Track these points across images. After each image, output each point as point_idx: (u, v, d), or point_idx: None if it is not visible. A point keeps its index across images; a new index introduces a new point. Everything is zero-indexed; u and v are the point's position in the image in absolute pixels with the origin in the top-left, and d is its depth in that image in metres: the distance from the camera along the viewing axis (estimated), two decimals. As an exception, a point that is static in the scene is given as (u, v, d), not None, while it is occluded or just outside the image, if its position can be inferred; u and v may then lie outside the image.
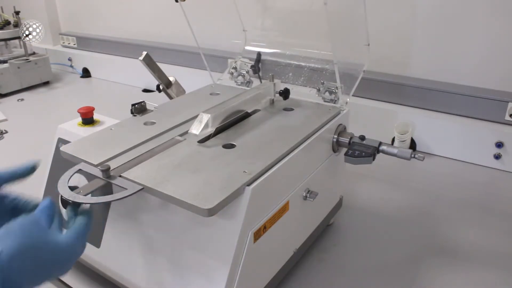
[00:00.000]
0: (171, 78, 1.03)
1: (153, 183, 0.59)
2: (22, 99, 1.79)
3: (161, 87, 1.02)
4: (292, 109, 0.86)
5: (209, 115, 0.72)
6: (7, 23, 1.92)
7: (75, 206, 0.57)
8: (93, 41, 2.09)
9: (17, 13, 1.87)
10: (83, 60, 2.10)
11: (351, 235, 0.90)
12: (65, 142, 0.78)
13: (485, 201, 1.02)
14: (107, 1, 2.03)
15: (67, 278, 0.79)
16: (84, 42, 2.13)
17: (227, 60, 1.19)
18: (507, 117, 1.14)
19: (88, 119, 0.82)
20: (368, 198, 1.03)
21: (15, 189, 0.58)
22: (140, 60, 0.96)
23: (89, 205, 0.58)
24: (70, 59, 2.13)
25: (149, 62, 0.97)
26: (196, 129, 0.71)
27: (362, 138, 0.80)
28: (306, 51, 1.01)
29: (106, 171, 0.62)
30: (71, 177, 0.63)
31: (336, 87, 0.86)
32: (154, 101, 0.90)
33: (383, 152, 0.79)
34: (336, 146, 0.83)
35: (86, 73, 2.09)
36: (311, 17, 0.95)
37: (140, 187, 0.59)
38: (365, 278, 0.78)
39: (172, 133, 0.76)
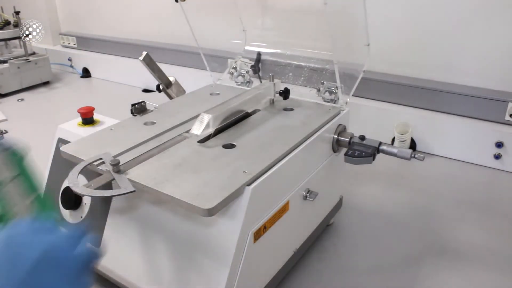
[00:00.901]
0: (171, 78, 1.03)
1: (153, 183, 0.59)
2: (22, 99, 1.79)
3: (161, 87, 1.02)
4: (292, 109, 0.86)
5: (210, 115, 0.72)
6: (7, 23, 1.92)
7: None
8: (93, 41, 2.09)
9: (17, 13, 1.87)
10: (83, 60, 2.10)
11: (351, 235, 0.90)
12: (65, 142, 0.78)
13: (485, 201, 1.02)
14: (107, 1, 2.03)
15: (67, 278, 0.79)
16: (84, 42, 2.13)
17: (227, 60, 1.19)
18: (507, 117, 1.14)
19: (88, 119, 0.82)
20: (368, 198, 1.03)
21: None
22: (140, 60, 0.96)
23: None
24: (70, 59, 2.13)
25: (149, 62, 0.97)
26: (197, 129, 0.71)
27: (362, 138, 0.80)
28: (306, 51, 1.01)
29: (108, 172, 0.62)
30: (79, 173, 0.62)
31: (336, 87, 0.86)
32: (154, 101, 0.91)
33: (383, 152, 0.79)
34: (336, 146, 0.83)
35: (86, 73, 2.09)
36: (311, 17, 0.95)
37: (133, 188, 0.58)
38: (365, 278, 0.78)
39: (172, 133, 0.76)
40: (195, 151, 0.68)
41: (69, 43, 2.19)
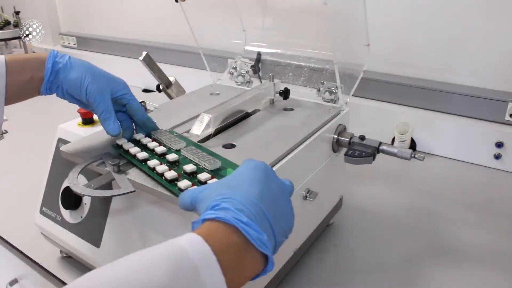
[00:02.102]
0: (171, 78, 1.03)
1: (153, 183, 0.59)
2: (22, 99, 1.79)
3: (161, 87, 1.02)
4: (292, 109, 0.86)
5: (210, 115, 0.72)
6: (7, 23, 1.92)
7: None
8: (93, 41, 2.09)
9: (17, 13, 1.88)
10: (83, 60, 2.10)
11: (351, 235, 0.90)
12: (65, 142, 0.78)
13: (485, 201, 1.02)
14: (107, 1, 2.03)
15: (67, 277, 0.79)
16: (84, 42, 2.13)
17: (227, 60, 1.19)
18: (507, 117, 1.14)
19: (88, 119, 0.82)
20: (368, 198, 1.03)
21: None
22: (140, 60, 0.96)
23: None
24: (70, 59, 2.13)
25: (149, 62, 0.97)
26: (198, 129, 0.71)
27: (362, 138, 0.80)
28: (306, 51, 1.01)
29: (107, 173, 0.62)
30: (79, 173, 0.62)
31: (336, 87, 0.87)
32: (154, 101, 0.90)
33: (383, 152, 0.79)
34: (336, 146, 0.83)
35: (86, 73, 2.09)
36: (311, 17, 0.95)
37: (133, 188, 0.59)
38: (365, 278, 0.78)
39: (172, 133, 0.76)
40: (195, 151, 0.68)
41: (69, 43, 2.19)
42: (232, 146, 0.70)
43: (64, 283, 0.78)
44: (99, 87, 0.66)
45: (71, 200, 0.75)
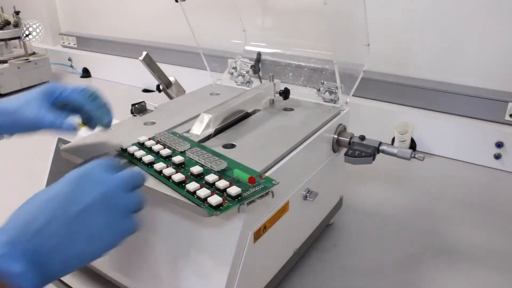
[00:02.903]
0: (171, 78, 1.03)
1: (153, 183, 0.59)
2: (22, 99, 1.79)
3: (161, 87, 1.02)
4: (292, 109, 0.86)
5: (210, 115, 0.72)
6: (7, 23, 1.92)
7: None
8: (93, 41, 2.09)
9: (17, 13, 1.87)
10: (83, 60, 2.10)
11: (351, 235, 0.90)
12: (65, 142, 0.78)
13: (485, 201, 1.02)
14: (107, 1, 2.03)
15: (67, 277, 0.79)
16: (84, 42, 2.13)
17: (227, 60, 1.19)
18: (507, 117, 1.14)
19: (88, 119, 0.82)
20: (368, 198, 1.03)
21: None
22: (140, 60, 0.96)
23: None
24: (70, 59, 2.14)
25: (149, 62, 0.97)
26: (197, 129, 0.71)
27: (362, 138, 0.80)
28: (306, 51, 1.01)
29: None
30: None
31: (336, 87, 0.87)
32: (154, 101, 0.90)
33: (383, 152, 0.79)
34: (336, 146, 0.83)
35: (86, 73, 2.09)
36: (311, 17, 0.95)
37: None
38: (365, 278, 0.78)
39: (172, 133, 0.76)
40: (195, 151, 0.68)
41: (69, 43, 2.19)
42: (232, 146, 0.70)
43: (65, 283, 0.78)
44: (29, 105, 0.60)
45: (71, 200, 0.74)
